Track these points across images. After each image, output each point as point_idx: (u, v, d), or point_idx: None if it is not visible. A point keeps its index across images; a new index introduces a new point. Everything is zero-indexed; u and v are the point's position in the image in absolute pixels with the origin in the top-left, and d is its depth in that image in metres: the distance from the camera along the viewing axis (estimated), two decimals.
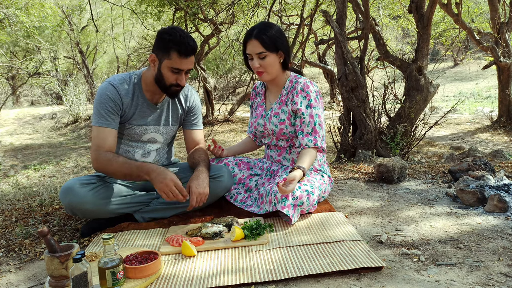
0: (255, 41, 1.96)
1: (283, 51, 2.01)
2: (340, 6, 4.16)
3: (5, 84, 17.27)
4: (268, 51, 1.96)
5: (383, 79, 4.93)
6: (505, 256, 1.54)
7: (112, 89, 1.87)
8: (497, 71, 7.77)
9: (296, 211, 1.86)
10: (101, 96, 1.86)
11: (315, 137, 1.99)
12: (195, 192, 1.81)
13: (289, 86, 2.09)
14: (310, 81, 2.06)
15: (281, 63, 2.04)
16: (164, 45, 1.79)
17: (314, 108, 2.01)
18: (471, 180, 2.39)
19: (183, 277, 1.43)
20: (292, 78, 2.10)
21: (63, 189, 1.81)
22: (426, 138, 6.32)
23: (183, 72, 1.85)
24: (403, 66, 4.42)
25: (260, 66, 1.98)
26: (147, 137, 2.03)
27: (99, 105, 1.85)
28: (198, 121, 2.17)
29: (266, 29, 1.97)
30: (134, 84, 1.93)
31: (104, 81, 1.92)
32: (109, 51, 17.12)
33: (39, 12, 9.18)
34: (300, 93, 2.03)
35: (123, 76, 1.95)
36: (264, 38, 1.94)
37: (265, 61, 1.97)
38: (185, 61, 1.81)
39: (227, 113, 10.92)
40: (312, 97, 2.02)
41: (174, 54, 1.79)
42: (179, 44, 1.77)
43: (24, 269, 1.61)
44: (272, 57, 1.98)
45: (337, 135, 4.49)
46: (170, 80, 1.85)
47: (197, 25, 8.38)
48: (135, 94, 1.93)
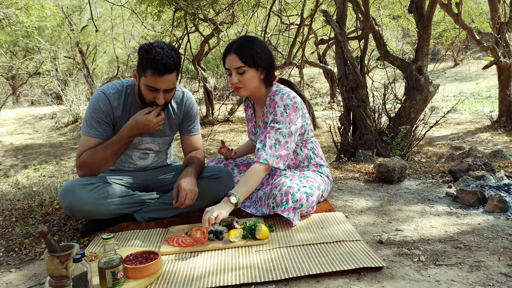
0: (234, 56, 1.87)
1: (263, 68, 1.92)
2: (340, 6, 4.15)
3: (5, 84, 17.27)
4: (247, 66, 1.87)
5: (383, 79, 4.93)
6: (505, 256, 1.54)
7: (105, 99, 1.86)
8: (497, 71, 7.76)
9: (296, 214, 1.86)
10: (93, 106, 1.85)
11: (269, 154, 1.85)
12: (185, 189, 1.78)
13: (268, 103, 1.99)
14: (284, 95, 1.93)
15: (263, 79, 1.96)
16: (141, 62, 1.74)
17: (278, 123, 1.89)
18: (471, 180, 2.39)
19: (183, 277, 1.42)
20: (271, 94, 1.98)
21: (62, 190, 1.80)
22: (426, 138, 6.32)
23: (160, 91, 1.76)
24: (403, 66, 4.42)
25: (238, 81, 1.89)
26: (143, 146, 2.04)
27: (90, 114, 1.85)
28: (195, 127, 2.13)
29: (245, 44, 1.88)
30: (127, 95, 1.91)
31: (97, 90, 1.90)
32: (109, 51, 17.11)
33: (39, 12, 9.18)
34: (268, 111, 1.96)
35: (117, 85, 1.92)
36: (243, 52, 1.86)
37: (244, 77, 1.88)
38: (161, 80, 1.72)
39: (227, 113, 10.93)
40: (278, 112, 1.90)
41: (149, 72, 1.71)
42: (154, 62, 1.68)
43: (24, 269, 1.61)
44: (251, 72, 1.89)
45: (337, 135, 4.49)
46: (148, 97, 1.79)
47: (197, 25, 8.38)
48: (128, 105, 1.91)
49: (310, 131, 2.10)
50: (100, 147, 1.82)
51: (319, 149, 2.19)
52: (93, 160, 1.83)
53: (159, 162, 2.14)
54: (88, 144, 1.84)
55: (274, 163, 1.85)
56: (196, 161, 2.01)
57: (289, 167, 2.14)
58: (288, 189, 1.83)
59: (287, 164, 2.10)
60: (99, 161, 1.83)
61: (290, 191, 1.82)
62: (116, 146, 1.82)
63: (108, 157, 1.83)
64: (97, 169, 1.87)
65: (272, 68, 1.98)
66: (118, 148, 1.83)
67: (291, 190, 1.83)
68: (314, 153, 2.14)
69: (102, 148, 1.82)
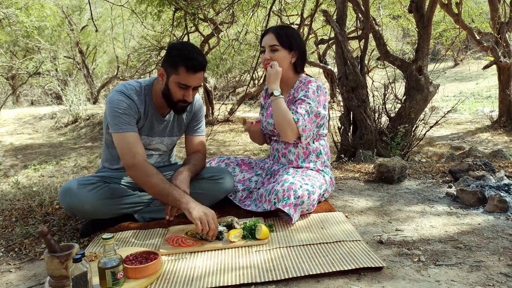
0: (271, 34, 2.02)
1: (296, 52, 2.05)
2: (340, 6, 4.15)
3: (5, 84, 17.26)
4: (281, 46, 2.01)
5: (383, 79, 4.93)
6: (506, 256, 1.54)
7: (127, 98, 1.81)
8: (497, 71, 7.76)
9: (297, 210, 1.86)
10: (118, 105, 1.78)
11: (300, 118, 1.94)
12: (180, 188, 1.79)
13: (298, 85, 2.10)
14: (316, 80, 2.08)
15: (293, 63, 2.07)
16: (173, 60, 1.76)
17: (308, 98, 1.99)
18: (472, 180, 2.38)
19: (183, 277, 1.42)
20: (302, 78, 2.11)
21: (62, 190, 1.79)
22: (426, 138, 6.31)
23: (190, 89, 1.81)
24: (403, 66, 4.42)
25: (269, 58, 2.02)
26: (151, 146, 2.03)
27: (117, 111, 1.77)
28: (200, 127, 2.13)
29: (283, 28, 2.07)
30: (145, 95, 1.89)
31: (114, 91, 1.84)
32: (109, 51, 17.12)
33: (39, 12, 9.17)
34: (300, 88, 2.06)
35: (134, 85, 1.88)
36: (280, 33, 2.01)
37: (275, 55, 2.01)
38: (193, 77, 1.77)
39: (227, 113, 10.93)
40: (311, 90, 2.01)
41: (182, 69, 1.75)
42: (188, 59, 1.73)
43: (24, 269, 1.61)
44: (283, 53, 2.02)
45: (337, 135, 4.49)
46: (177, 96, 1.81)
47: (197, 25, 8.38)
48: (146, 105, 1.90)
49: (325, 128, 2.16)
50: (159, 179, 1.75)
51: (328, 150, 2.24)
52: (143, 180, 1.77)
53: (161, 162, 2.14)
54: (129, 140, 1.77)
55: (301, 128, 1.93)
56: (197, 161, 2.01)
57: (298, 157, 2.13)
58: (291, 185, 1.84)
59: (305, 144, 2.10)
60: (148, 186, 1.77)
61: (292, 187, 1.84)
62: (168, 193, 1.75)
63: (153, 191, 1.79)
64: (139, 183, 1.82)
65: (304, 56, 2.10)
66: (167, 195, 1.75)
67: (293, 186, 1.84)
68: (324, 150, 2.18)
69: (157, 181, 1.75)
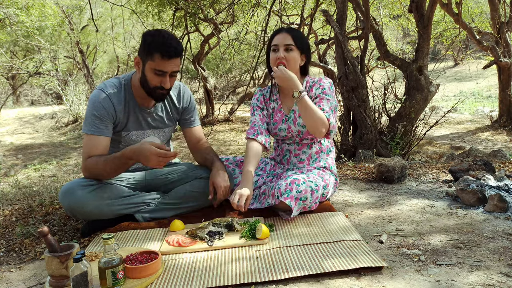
0: (286, 34, 2.04)
1: (306, 54, 2.11)
2: (340, 6, 4.15)
3: (5, 83, 17.27)
4: (296, 47, 2.04)
5: (384, 79, 4.93)
6: (506, 256, 1.54)
7: (105, 97, 1.85)
8: (497, 70, 7.76)
9: (298, 204, 1.84)
10: (93, 104, 1.84)
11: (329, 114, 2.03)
12: (221, 187, 1.92)
13: (306, 86, 2.13)
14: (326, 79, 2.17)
15: (301, 66, 2.13)
16: (148, 47, 1.78)
17: (327, 95, 2.07)
18: (472, 180, 2.38)
19: (183, 277, 1.42)
20: (308, 79, 2.17)
21: (62, 191, 1.80)
22: (426, 137, 6.31)
23: (167, 74, 1.81)
24: (403, 66, 4.42)
25: (283, 57, 2.03)
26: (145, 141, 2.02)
27: (91, 112, 1.84)
28: (195, 118, 2.18)
29: (296, 30, 2.13)
30: (124, 90, 1.92)
31: (95, 88, 1.90)
32: (109, 50, 17.10)
33: (40, 12, 9.17)
34: (314, 86, 2.11)
35: (113, 82, 1.92)
36: (295, 34, 2.06)
37: (290, 54, 2.04)
38: (168, 63, 1.78)
39: (227, 113, 10.93)
40: (326, 86, 2.09)
41: (157, 56, 1.76)
42: (162, 46, 1.75)
43: (24, 269, 1.61)
44: (296, 53, 2.06)
45: (337, 135, 4.48)
46: (154, 82, 1.82)
47: (197, 25, 8.37)
48: (126, 100, 1.92)
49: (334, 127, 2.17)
50: (103, 159, 1.80)
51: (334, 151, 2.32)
52: (95, 170, 1.83)
53: None
54: (91, 142, 1.83)
55: (332, 125, 2.00)
56: (213, 152, 2.12)
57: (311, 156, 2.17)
58: (294, 180, 1.85)
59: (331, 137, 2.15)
60: (100, 171, 1.83)
61: (295, 181, 1.85)
62: (117, 163, 1.79)
63: (108, 171, 1.82)
64: (99, 177, 1.87)
65: (309, 60, 2.16)
66: (118, 165, 1.80)
67: (296, 181, 1.85)
68: (332, 148, 2.26)
69: (104, 162, 1.80)
